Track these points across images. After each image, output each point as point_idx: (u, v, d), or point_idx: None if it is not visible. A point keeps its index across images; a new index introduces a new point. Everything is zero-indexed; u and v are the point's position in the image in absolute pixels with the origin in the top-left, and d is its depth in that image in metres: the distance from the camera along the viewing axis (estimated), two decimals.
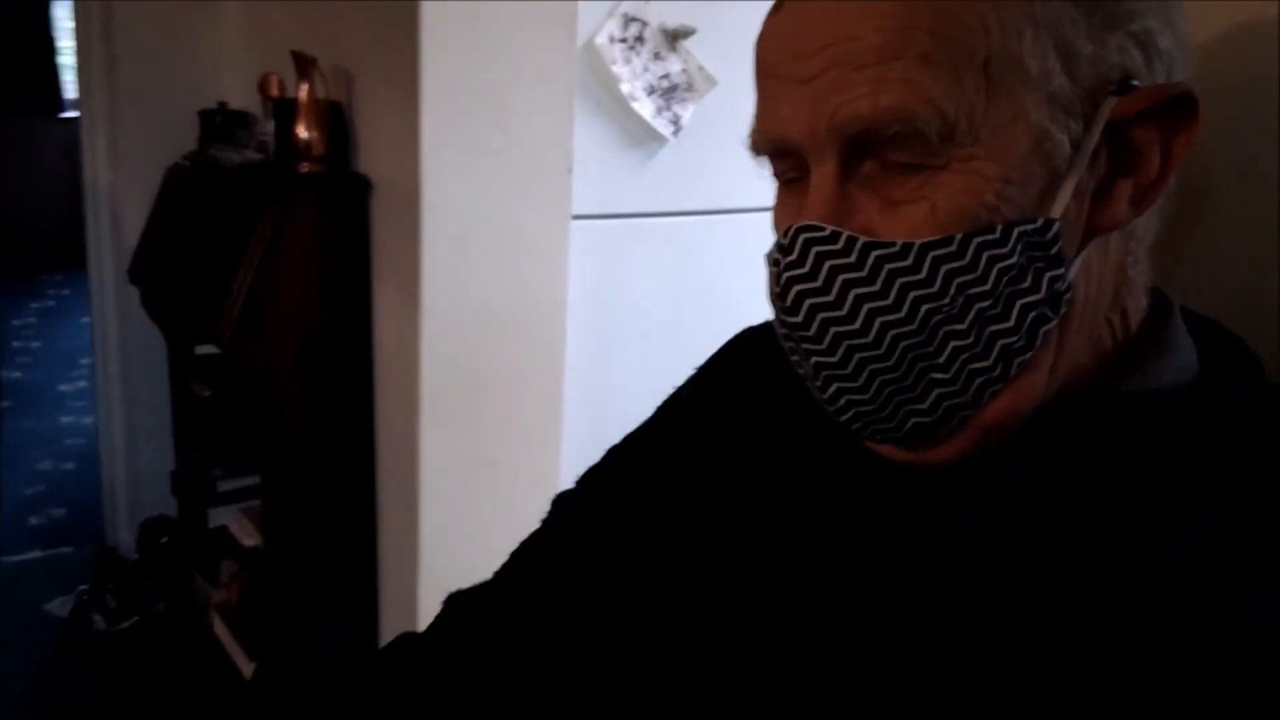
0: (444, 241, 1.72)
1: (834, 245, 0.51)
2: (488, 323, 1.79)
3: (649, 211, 2.10)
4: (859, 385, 0.52)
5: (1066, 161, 0.50)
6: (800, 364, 0.55)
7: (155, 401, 2.63)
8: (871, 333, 0.51)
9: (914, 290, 0.50)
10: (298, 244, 1.78)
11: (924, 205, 0.50)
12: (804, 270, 0.51)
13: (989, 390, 0.52)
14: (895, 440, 0.55)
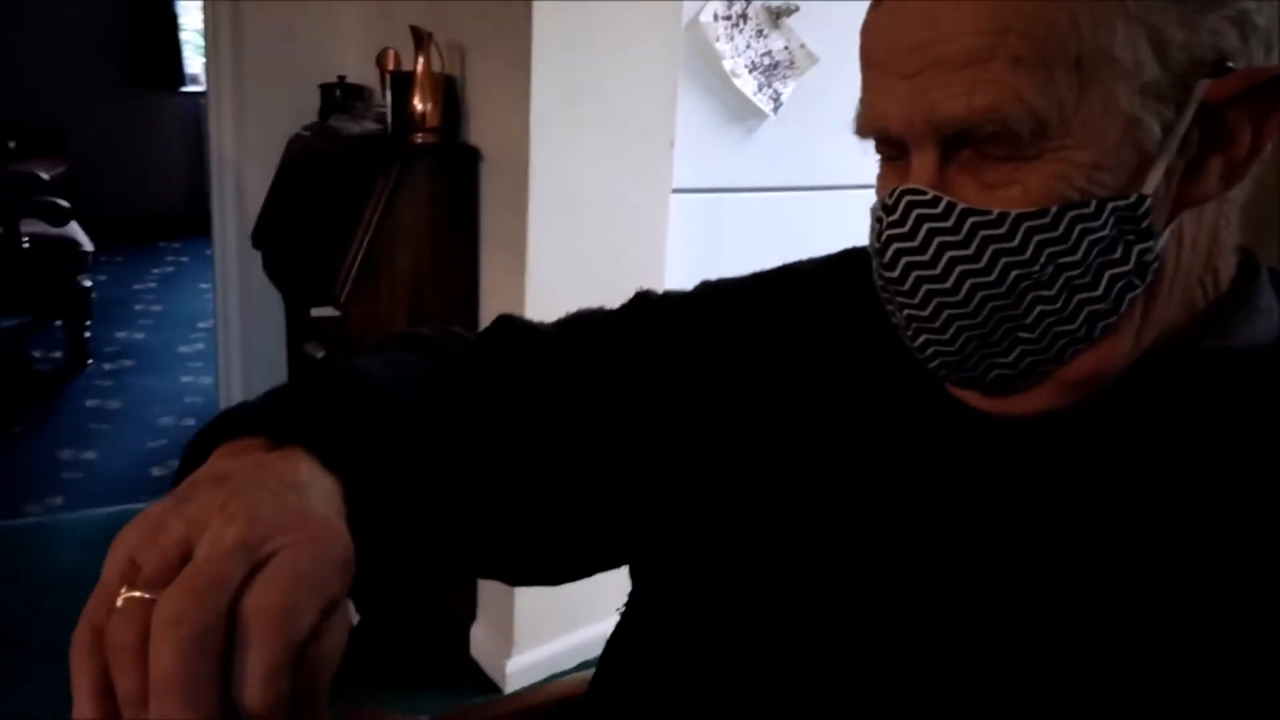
0: (549, 211, 1.79)
1: (934, 209, 0.54)
2: (589, 290, 1.85)
3: (748, 186, 2.14)
4: (946, 338, 0.56)
5: (1157, 145, 0.53)
6: (893, 313, 0.59)
7: (271, 362, 2.77)
8: (962, 292, 0.54)
9: (1006, 257, 0.53)
10: (411, 211, 1.87)
11: (1017, 188, 0.53)
12: (904, 230, 0.55)
13: (1071, 349, 0.55)
14: (978, 387, 0.58)
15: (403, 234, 1.88)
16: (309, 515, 0.47)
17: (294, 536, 0.44)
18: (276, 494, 0.48)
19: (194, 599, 0.40)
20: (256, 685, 0.41)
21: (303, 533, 0.44)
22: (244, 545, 0.43)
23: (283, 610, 0.41)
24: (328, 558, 0.45)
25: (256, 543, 0.43)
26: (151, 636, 0.40)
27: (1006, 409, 0.58)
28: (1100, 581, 0.54)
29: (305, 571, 0.43)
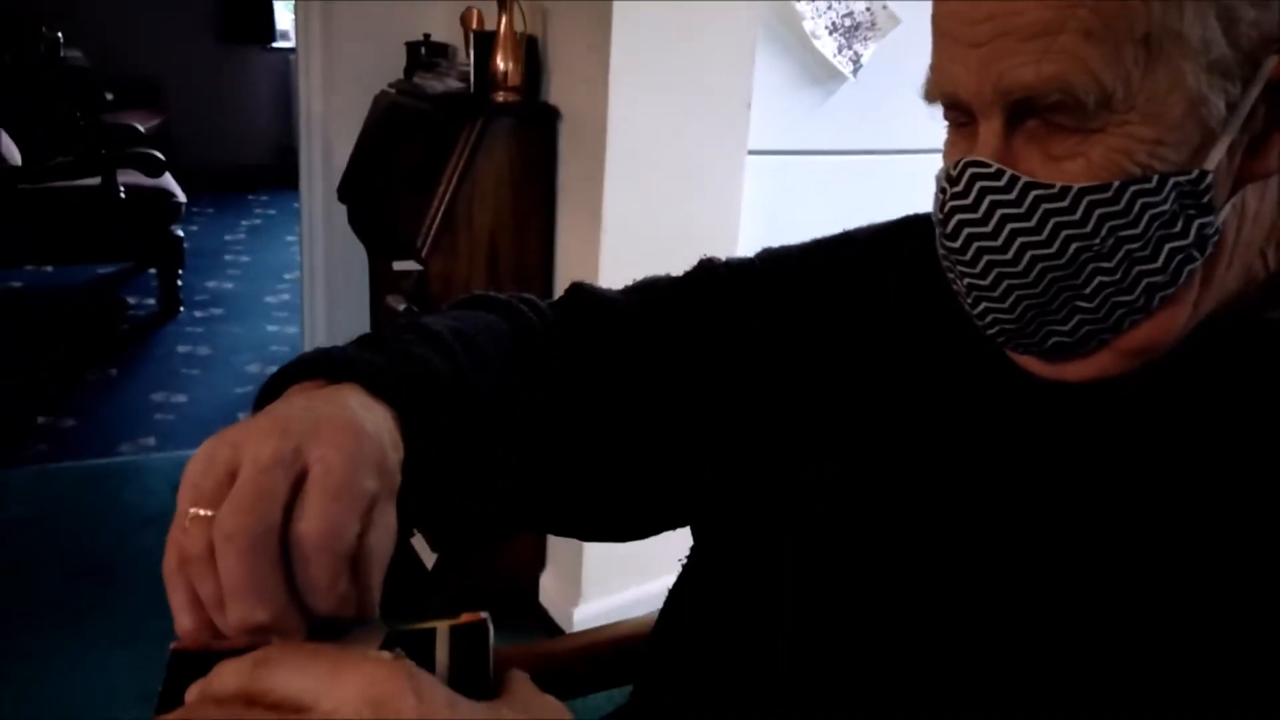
0: (625, 171, 1.82)
1: (997, 182, 0.55)
2: (663, 249, 1.88)
3: (824, 149, 2.14)
4: (1005, 307, 0.57)
5: (1221, 122, 0.53)
6: (954, 281, 0.61)
7: (355, 313, 2.85)
8: (1022, 263, 0.56)
9: (1067, 229, 0.54)
10: (491, 168, 1.91)
11: (1081, 161, 0.54)
12: (967, 202, 0.56)
13: (1129, 319, 0.56)
14: (1036, 354, 0.60)
15: (482, 191, 1.92)
16: (336, 420, 0.50)
17: (324, 449, 0.48)
18: (311, 409, 0.51)
19: (243, 515, 0.45)
20: (318, 593, 0.46)
21: (332, 443, 0.48)
22: (279, 459, 0.47)
23: (326, 532, 0.46)
24: (359, 463, 0.48)
25: (290, 455, 0.47)
26: (215, 550, 0.45)
27: (1064, 375, 0.60)
28: (1154, 546, 0.55)
29: (339, 485, 0.47)
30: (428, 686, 0.41)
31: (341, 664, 0.40)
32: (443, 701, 0.41)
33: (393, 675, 0.40)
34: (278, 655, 0.41)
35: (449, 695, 0.41)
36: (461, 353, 0.66)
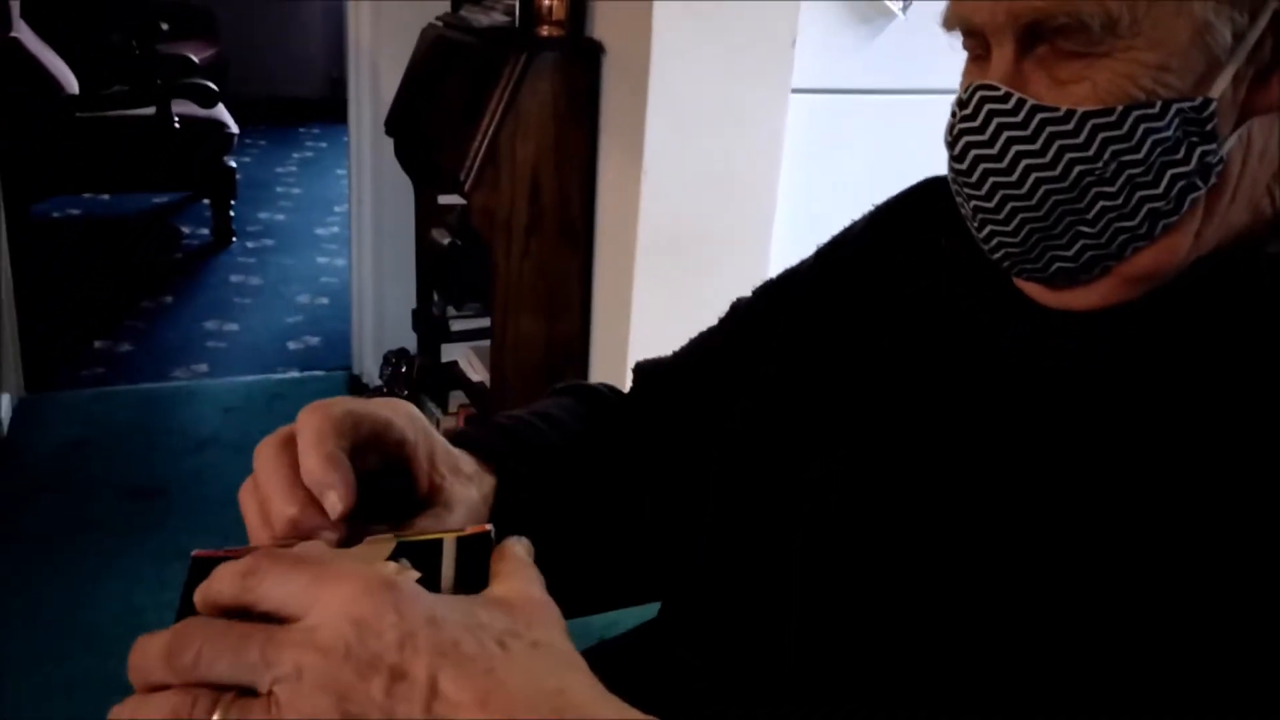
0: (667, 107, 1.82)
1: (1004, 105, 0.57)
2: (703, 186, 1.89)
3: (871, 88, 2.12)
4: (1009, 230, 0.59)
5: (1226, 51, 0.54)
6: (961, 205, 0.62)
7: (401, 246, 2.88)
8: (1026, 185, 0.57)
9: (1071, 153, 0.55)
10: (534, 103, 1.92)
11: (1086, 85, 0.55)
12: (974, 124, 0.58)
13: (1132, 245, 0.57)
14: (1040, 280, 0.61)
15: (525, 126, 1.93)
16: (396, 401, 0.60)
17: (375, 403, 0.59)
18: None
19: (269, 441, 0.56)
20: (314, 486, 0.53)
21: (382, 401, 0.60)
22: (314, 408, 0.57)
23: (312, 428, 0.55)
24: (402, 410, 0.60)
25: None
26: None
27: (1069, 303, 0.61)
28: (1150, 475, 0.55)
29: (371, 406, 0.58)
30: (409, 601, 0.40)
31: (324, 577, 0.41)
32: (422, 618, 0.40)
33: (373, 591, 0.40)
34: (265, 564, 0.41)
35: (430, 610, 0.41)
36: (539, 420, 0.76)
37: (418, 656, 0.39)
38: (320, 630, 0.39)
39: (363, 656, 0.38)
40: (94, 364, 3.26)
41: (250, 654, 0.39)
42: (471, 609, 0.42)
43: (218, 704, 0.39)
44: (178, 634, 0.40)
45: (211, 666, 0.39)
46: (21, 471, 2.61)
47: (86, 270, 4.08)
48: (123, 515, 2.46)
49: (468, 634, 0.40)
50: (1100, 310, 0.61)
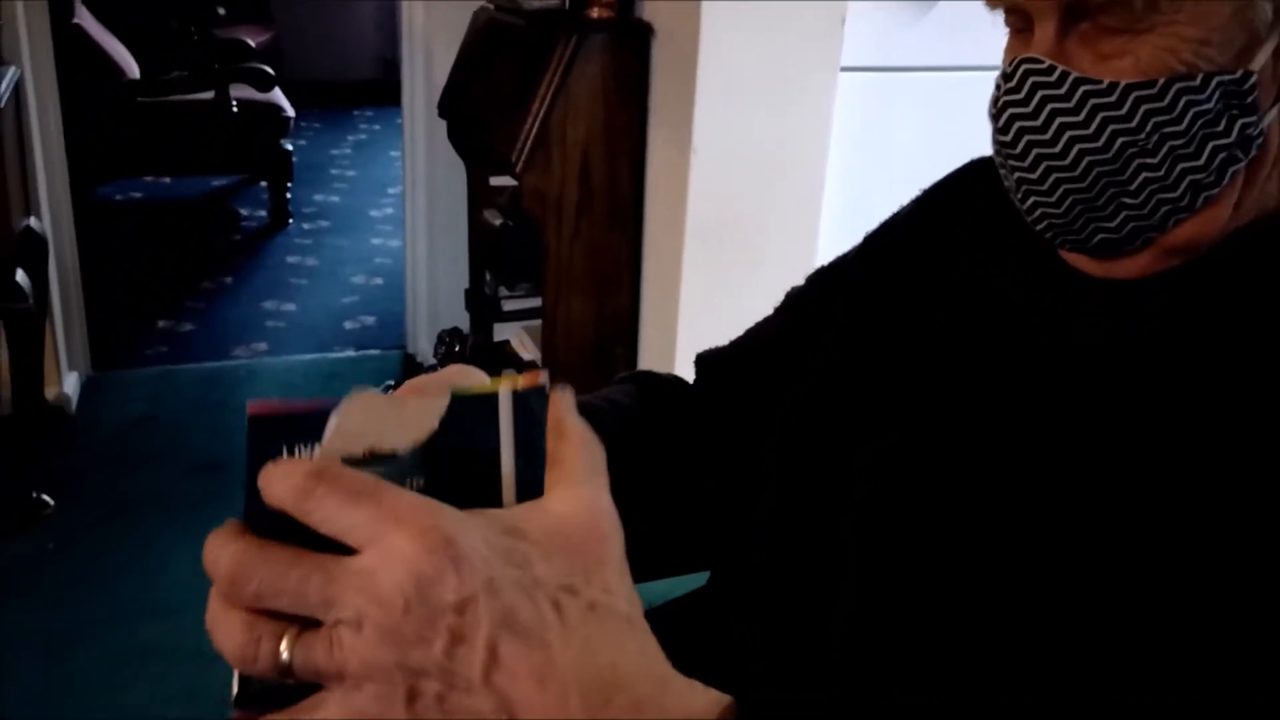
0: (716, 87, 1.83)
1: (1048, 77, 0.58)
2: (751, 167, 1.90)
3: (922, 65, 2.11)
4: (1053, 201, 0.60)
5: (1267, 26, 0.55)
6: (1005, 178, 0.63)
7: (454, 227, 2.92)
8: (1070, 157, 0.58)
9: (1114, 124, 0.57)
10: (584, 85, 1.94)
11: (1129, 59, 0.57)
12: (1019, 96, 0.59)
13: (1174, 217, 0.58)
14: (1083, 251, 0.62)
15: (575, 108, 1.96)
16: None
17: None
18: None
19: None
20: None
21: None
22: None
23: None
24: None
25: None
26: None
27: (1112, 272, 0.62)
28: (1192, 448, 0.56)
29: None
30: (468, 561, 0.39)
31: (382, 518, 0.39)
32: (481, 581, 0.39)
33: (433, 549, 0.38)
34: (322, 490, 0.39)
35: (489, 571, 0.39)
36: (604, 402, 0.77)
37: (478, 623, 0.39)
38: (379, 577, 0.38)
39: (422, 615, 0.38)
40: (157, 343, 3.35)
41: (310, 596, 0.39)
42: (530, 558, 0.41)
43: (283, 636, 0.39)
44: (239, 564, 0.40)
45: (273, 601, 0.39)
46: (90, 446, 2.70)
47: (149, 252, 4.18)
48: (186, 488, 2.54)
49: (525, 598, 0.40)
50: (1137, 282, 0.62)
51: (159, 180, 5.01)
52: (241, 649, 0.39)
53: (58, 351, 2.77)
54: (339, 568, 0.39)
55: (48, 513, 2.37)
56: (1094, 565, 0.56)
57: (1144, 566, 0.55)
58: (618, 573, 0.44)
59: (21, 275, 2.24)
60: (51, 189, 2.72)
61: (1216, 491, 0.54)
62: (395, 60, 3.73)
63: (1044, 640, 0.57)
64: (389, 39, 6.84)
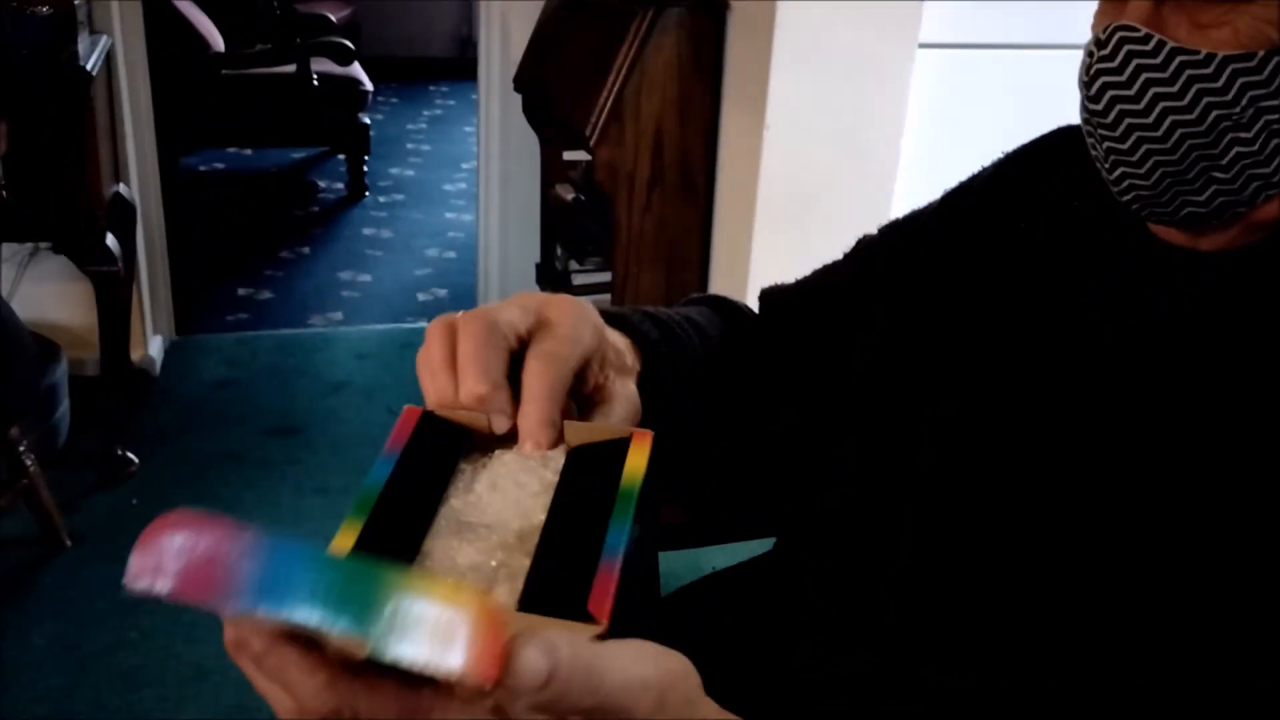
0: (791, 62, 1.83)
1: (1144, 46, 0.57)
2: (825, 143, 1.89)
3: (1002, 43, 2.08)
4: (1142, 173, 0.59)
5: None
6: (1094, 146, 0.62)
7: (526, 202, 2.95)
8: (1162, 128, 0.57)
9: (1209, 96, 0.56)
10: (659, 59, 1.95)
11: (1227, 30, 0.55)
12: (1112, 64, 0.58)
13: (1264, 193, 0.58)
14: (1169, 223, 0.62)
15: (650, 82, 1.97)
16: (573, 298, 0.59)
17: (559, 306, 0.58)
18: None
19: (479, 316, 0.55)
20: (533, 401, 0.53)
21: (566, 303, 0.58)
22: (522, 306, 0.57)
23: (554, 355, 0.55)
24: (585, 319, 0.58)
25: (534, 305, 0.57)
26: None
27: (1198, 244, 0.62)
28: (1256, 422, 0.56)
29: (568, 332, 0.56)
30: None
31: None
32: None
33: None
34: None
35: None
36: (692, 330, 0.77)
37: None
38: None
39: None
40: (239, 310, 3.44)
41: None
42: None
43: None
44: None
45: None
46: (172, 409, 2.79)
47: (230, 221, 4.29)
48: (263, 451, 2.61)
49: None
50: (1212, 255, 0.61)
51: (240, 151, 5.12)
52: None
53: (143, 315, 2.86)
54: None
55: (131, 470, 2.45)
56: (1150, 544, 0.56)
57: (1204, 549, 0.55)
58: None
59: (111, 239, 2.31)
60: (140, 157, 2.80)
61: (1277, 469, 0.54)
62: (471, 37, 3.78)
63: (1092, 617, 0.57)
64: (466, 15, 6.89)
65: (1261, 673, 0.52)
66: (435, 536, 0.48)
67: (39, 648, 1.92)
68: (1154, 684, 0.54)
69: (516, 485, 0.50)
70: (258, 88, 4.23)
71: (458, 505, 0.49)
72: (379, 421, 2.75)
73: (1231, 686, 0.53)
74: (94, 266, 2.30)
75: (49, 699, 1.81)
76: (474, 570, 0.45)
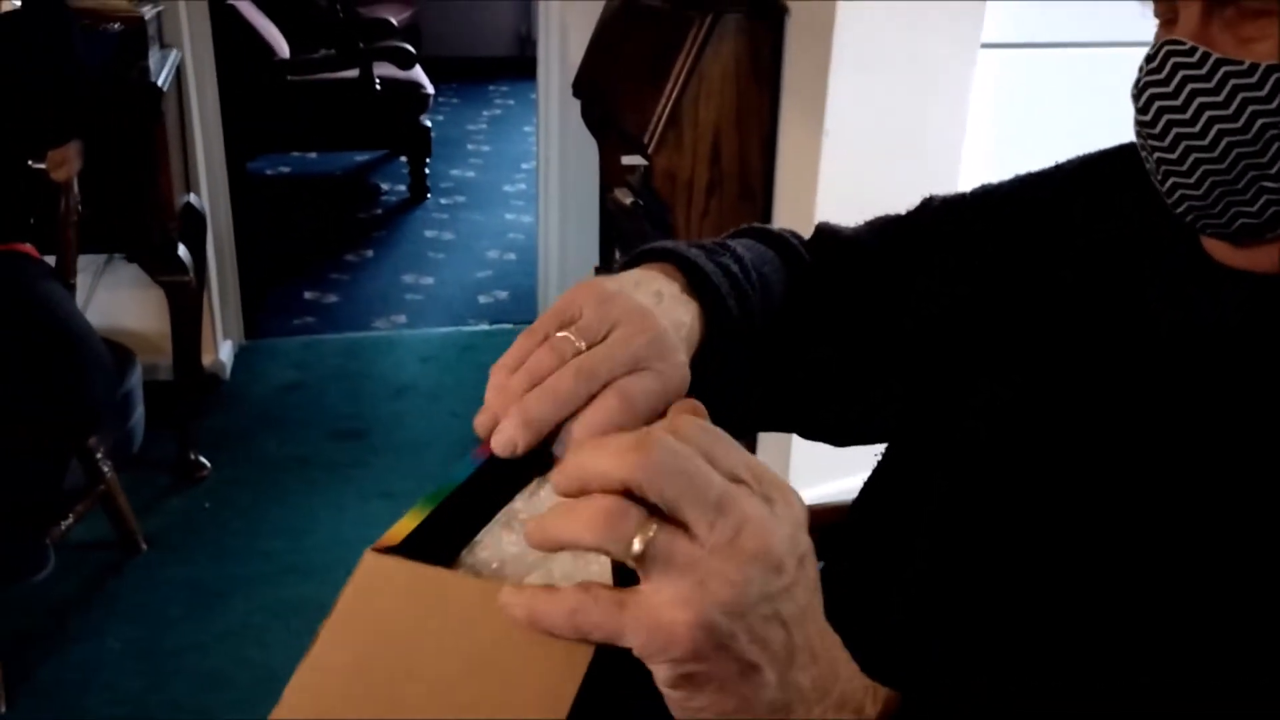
0: (851, 66, 1.81)
1: (1190, 59, 0.59)
2: (885, 148, 1.88)
3: (1066, 41, 2.05)
4: (1192, 183, 0.60)
5: None
6: (1145, 159, 0.64)
7: (585, 204, 2.97)
8: (1209, 138, 0.59)
9: (1255, 105, 0.57)
10: (717, 64, 1.95)
11: (1271, 42, 0.57)
12: (1160, 77, 0.60)
13: None
14: (1224, 235, 0.62)
15: (708, 88, 1.96)
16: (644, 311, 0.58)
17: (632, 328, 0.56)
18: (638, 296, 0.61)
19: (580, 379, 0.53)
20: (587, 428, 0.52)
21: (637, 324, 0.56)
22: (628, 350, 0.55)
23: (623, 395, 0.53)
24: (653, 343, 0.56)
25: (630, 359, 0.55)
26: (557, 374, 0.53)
27: (1254, 263, 0.62)
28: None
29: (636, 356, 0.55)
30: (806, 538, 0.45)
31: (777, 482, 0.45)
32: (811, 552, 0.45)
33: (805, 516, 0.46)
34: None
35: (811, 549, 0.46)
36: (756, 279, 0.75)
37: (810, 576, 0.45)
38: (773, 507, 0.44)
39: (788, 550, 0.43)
40: (305, 314, 3.50)
41: (711, 490, 0.42)
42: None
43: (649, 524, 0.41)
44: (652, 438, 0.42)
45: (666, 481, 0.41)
46: (242, 412, 2.85)
47: (296, 225, 4.37)
48: (330, 454, 2.66)
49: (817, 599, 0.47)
50: None
51: (305, 155, 5.22)
52: (608, 519, 0.41)
53: (214, 321, 2.93)
54: (738, 487, 0.43)
55: (203, 474, 2.52)
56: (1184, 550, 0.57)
57: (1235, 561, 0.56)
58: None
59: (183, 250, 2.37)
60: (209, 167, 2.86)
61: None
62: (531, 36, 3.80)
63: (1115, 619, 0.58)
64: (525, 13, 6.94)
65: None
66: (490, 529, 0.51)
67: (115, 650, 1.98)
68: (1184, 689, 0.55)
69: None
70: (322, 93, 4.31)
71: (519, 506, 0.52)
72: (442, 425, 2.78)
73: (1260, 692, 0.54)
74: (166, 276, 2.37)
75: (126, 701, 1.86)
76: (515, 560, 0.48)
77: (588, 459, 0.43)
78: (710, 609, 0.41)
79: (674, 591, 0.41)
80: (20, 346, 1.78)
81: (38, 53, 1.83)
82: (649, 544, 0.41)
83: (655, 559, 0.41)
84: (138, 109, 2.21)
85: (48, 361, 1.79)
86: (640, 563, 0.41)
